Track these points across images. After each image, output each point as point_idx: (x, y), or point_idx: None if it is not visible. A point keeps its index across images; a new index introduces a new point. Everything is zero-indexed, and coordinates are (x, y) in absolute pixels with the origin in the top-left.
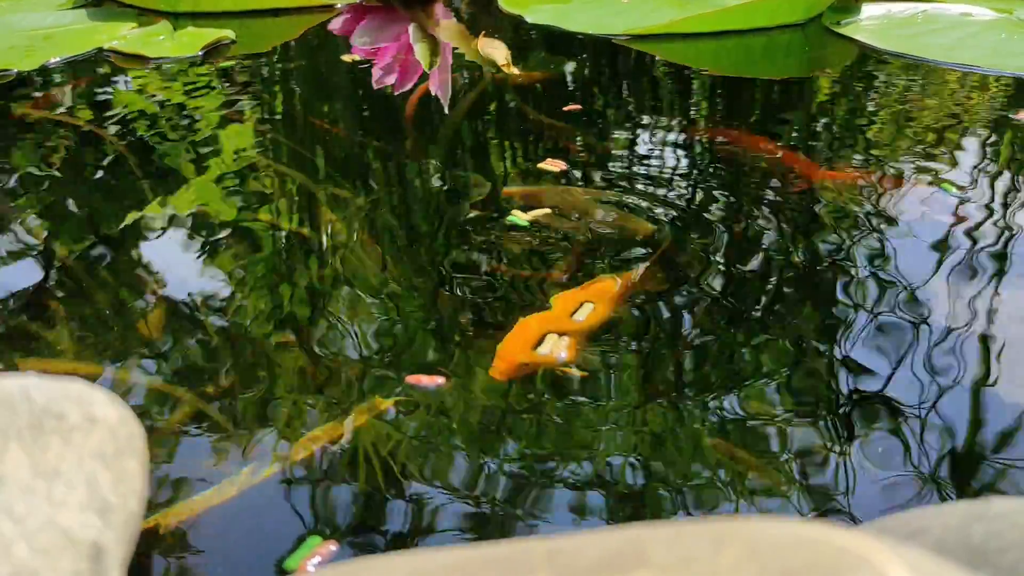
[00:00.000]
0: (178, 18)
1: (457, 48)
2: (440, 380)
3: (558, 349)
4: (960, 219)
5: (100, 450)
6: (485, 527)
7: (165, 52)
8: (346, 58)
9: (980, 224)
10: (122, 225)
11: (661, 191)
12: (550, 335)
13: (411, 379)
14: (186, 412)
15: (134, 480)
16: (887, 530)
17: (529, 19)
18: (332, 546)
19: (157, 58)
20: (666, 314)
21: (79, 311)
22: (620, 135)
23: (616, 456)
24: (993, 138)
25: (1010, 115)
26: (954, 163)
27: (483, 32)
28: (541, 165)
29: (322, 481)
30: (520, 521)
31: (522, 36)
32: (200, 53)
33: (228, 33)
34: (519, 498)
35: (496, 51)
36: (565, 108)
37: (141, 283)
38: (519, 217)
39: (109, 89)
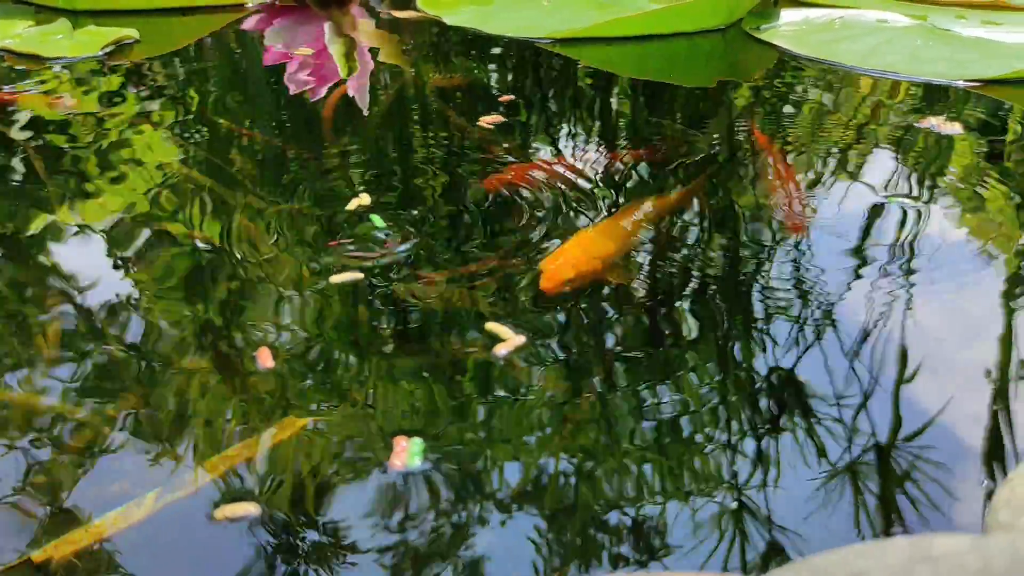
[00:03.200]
0: (78, 16)
1: (375, 49)
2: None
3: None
4: (871, 223)
5: None
6: None
7: (63, 52)
8: (262, 61)
9: (889, 229)
10: (19, 232)
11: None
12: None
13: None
14: (89, 433)
15: None
16: (824, 572)
17: (448, 21)
18: None
19: (54, 58)
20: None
21: None
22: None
23: None
24: (901, 144)
25: (915, 123)
26: (861, 168)
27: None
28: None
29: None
30: None
31: (441, 39)
32: (101, 53)
33: (131, 32)
34: None
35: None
36: (487, 115)
37: (37, 294)
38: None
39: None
